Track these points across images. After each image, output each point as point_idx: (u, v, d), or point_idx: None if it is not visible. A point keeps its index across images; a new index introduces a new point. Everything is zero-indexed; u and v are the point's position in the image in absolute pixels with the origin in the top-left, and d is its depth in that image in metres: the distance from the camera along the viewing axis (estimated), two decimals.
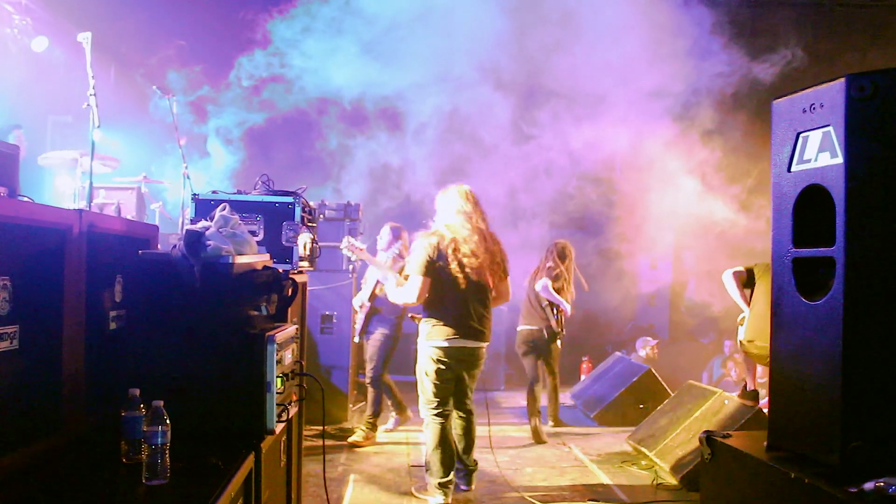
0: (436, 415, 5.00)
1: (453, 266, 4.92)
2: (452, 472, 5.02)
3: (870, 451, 2.35)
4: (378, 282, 6.56)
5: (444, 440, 4.98)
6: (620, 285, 10.16)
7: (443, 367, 4.96)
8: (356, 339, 6.94)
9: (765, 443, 2.76)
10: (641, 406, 7.57)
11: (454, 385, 5.08)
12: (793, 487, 2.42)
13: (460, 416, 5.24)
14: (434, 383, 4.97)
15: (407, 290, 5.05)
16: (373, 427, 6.82)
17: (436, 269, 4.93)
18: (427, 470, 5.08)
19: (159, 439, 2.27)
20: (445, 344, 4.95)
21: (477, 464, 5.38)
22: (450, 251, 4.94)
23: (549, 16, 7.98)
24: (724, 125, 8.62)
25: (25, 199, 3.06)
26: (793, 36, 8.24)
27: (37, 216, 2.44)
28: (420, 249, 4.97)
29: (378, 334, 6.74)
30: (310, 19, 7.94)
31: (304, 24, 7.96)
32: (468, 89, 8.46)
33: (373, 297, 6.68)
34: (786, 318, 2.67)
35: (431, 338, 4.98)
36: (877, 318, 2.39)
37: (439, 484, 4.95)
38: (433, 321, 5.00)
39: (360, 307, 6.80)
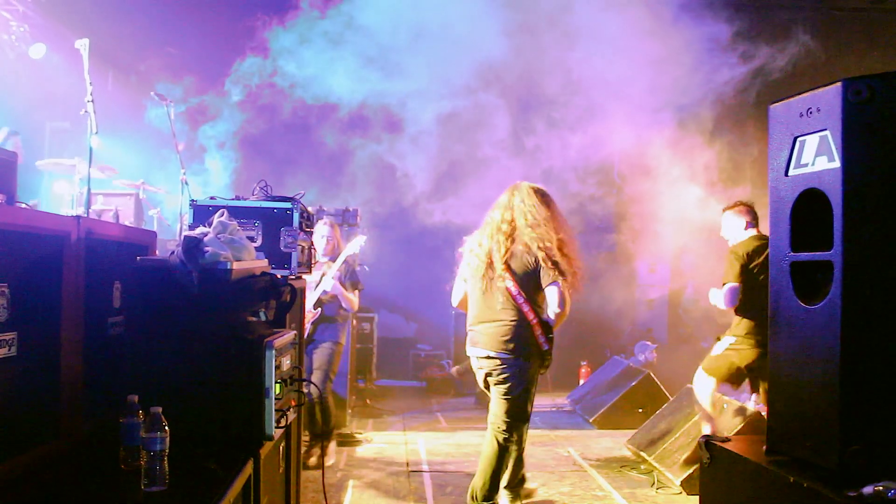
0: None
1: (465, 268, 4.80)
2: (495, 488, 4.72)
3: (868, 455, 2.35)
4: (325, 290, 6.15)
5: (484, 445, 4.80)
6: (619, 289, 10.17)
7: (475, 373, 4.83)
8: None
9: (764, 447, 2.76)
10: (640, 410, 7.57)
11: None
12: (792, 491, 2.42)
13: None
14: None
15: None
16: (322, 444, 6.08)
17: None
18: None
19: (158, 445, 2.27)
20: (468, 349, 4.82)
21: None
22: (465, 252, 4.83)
23: (549, 22, 7.99)
24: (723, 129, 8.63)
25: (23, 205, 3.07)
26: (790, 39, 8.25)
27: (35, 223, 2.45)
28: None
29: (328, 343, 6.25)
30: (309, 30, 7.96)
31: (304, 34, 7.99)
32: (469, 97, 8.48)
33: (319, 304, 6.20)
34: (784, 321, 2.67)
35: None
36: (875, 321, 2.39)
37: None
38: None
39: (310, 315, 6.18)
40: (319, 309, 6.26)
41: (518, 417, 4.64)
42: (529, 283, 4.57)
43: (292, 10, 8.11)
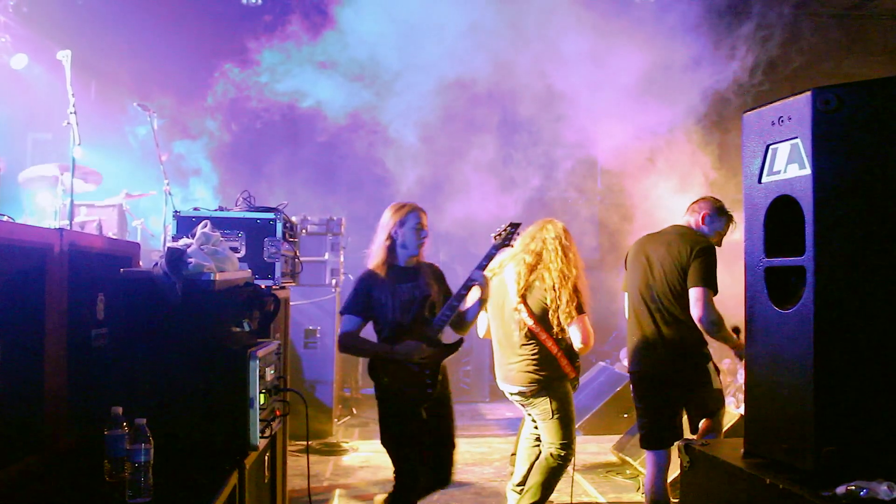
0: None
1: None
2: None
3: (842, 456, 2.40)
4: None
5: None
6: (603, 295, 10.21)
7: None
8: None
9: (742, 450, 2.81)
10: (625, 415, 7.61)
11: None
12: (769, 492, 2.46)
13: None
14: None
15: None
16: None
17: None
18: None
19: (142, 457, 2.28)
20: None
21: None
22: None
23: (534, 33, 8.05)
24: (704, 134, 8.71)
25: (5, 218, 3.08)
26: (769, 45, 8.35)
27: (16, 236, 2.46)
28: None
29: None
30: (296, 47, 8.00)
31: (290, 50, 8.03)
32: (455, 111, 8.52)
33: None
34: (759, 326, 2.72)
35: None
36: (846, 324, 2.44)
37: None
38: None
39: None
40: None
41: (566, 437, 4.66)
42: (547, 316, 4.56)
43: (279, 28, 8.15)
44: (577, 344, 4.56)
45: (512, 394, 4.74)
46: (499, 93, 8.67)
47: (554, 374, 4.60)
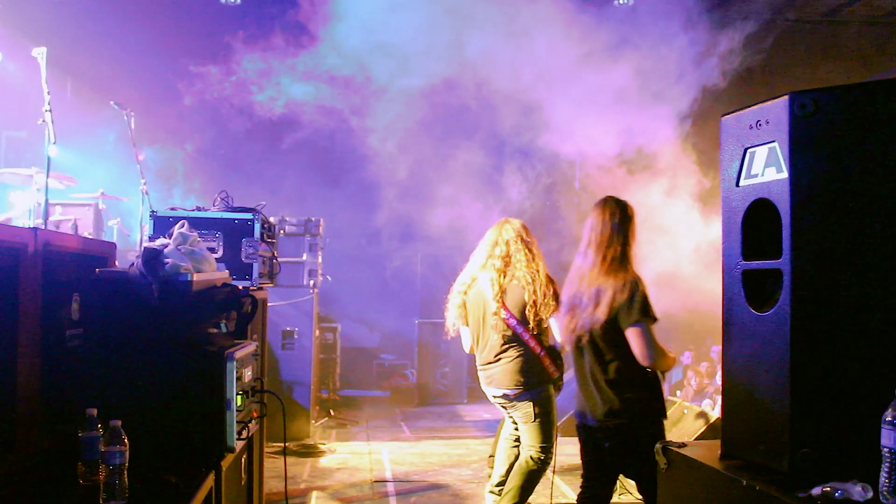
0: None
1: (460, 310, 4.89)
2: None
3: (818, 458, 2.42)
4: None
5: None
6: None
7: None
8: None
9: (719, 451, 2.82)
10: None
11: None
12: (745, 494, 2.47)
13: None
14: None
15: None
16: None
17: None
18: None
19: (117, 459, 2.25)
20: None
21: None
22: None
23: (512, 41, 8.07)
24: (679, 136, 8.76)
25: None
26: (746, 50, 8.42)
27: None
28: None
29: None
30: (275, 56, 7.97)
31: (269, 56, 8.00)
32: (434, 120, 8.52)
33: None
34: (736, 329, 2.73)
35: None
36: (823, 327, 2.46)
37: None
38: None
39: None
40: None
41: (547, 440, 4.72)
42: (528, 316, 4.61)
43: (262, 39, 8.11)
44: (558, 337, 4.54)
45: (496, 396, 4.76)
46: (481, 102, 8.68)
47: (539, 376, 4.66)
